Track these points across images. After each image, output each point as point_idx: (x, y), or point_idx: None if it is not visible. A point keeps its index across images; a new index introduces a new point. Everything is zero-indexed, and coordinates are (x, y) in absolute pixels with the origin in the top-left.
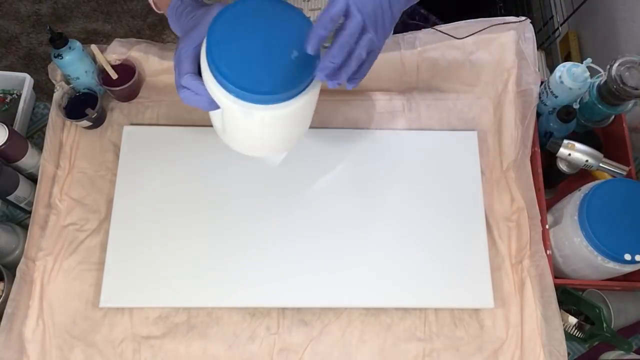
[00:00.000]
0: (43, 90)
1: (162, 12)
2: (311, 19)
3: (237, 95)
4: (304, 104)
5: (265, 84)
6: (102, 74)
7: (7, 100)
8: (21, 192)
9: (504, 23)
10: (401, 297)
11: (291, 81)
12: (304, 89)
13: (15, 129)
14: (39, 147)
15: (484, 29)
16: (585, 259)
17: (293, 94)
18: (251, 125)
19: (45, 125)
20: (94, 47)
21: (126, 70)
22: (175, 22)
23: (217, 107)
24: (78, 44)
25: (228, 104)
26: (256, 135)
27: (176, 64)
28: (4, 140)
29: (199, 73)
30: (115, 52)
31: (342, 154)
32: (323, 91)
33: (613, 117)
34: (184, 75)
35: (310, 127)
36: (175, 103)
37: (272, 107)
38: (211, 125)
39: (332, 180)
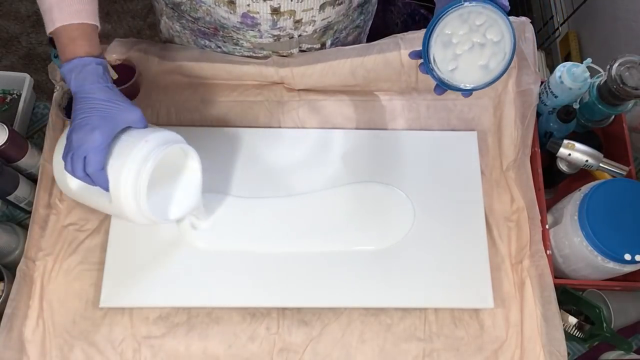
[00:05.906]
0: (43, 90)
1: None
2: None
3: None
4: None
5: None
6: None
7: (7, 100)
8: (21, 192)
9: None
10: (401, 297)
11: None
12: None
13: (15, 129)
14: (39, 147)
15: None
16: (585, 259)
17: None
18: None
19: (45, 125)
20: None
21: (126, 70)
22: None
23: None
24: None
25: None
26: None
27: (83, 153)
28: (4, 140)
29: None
30: (115, 52)
31: (341, 154)
32: (322, 91)
33: (613, 117)
34: (97, 171)
35: (310, 128)
36: (175, 103)
37: None
38: (210, 126)
39: (332, 181)
